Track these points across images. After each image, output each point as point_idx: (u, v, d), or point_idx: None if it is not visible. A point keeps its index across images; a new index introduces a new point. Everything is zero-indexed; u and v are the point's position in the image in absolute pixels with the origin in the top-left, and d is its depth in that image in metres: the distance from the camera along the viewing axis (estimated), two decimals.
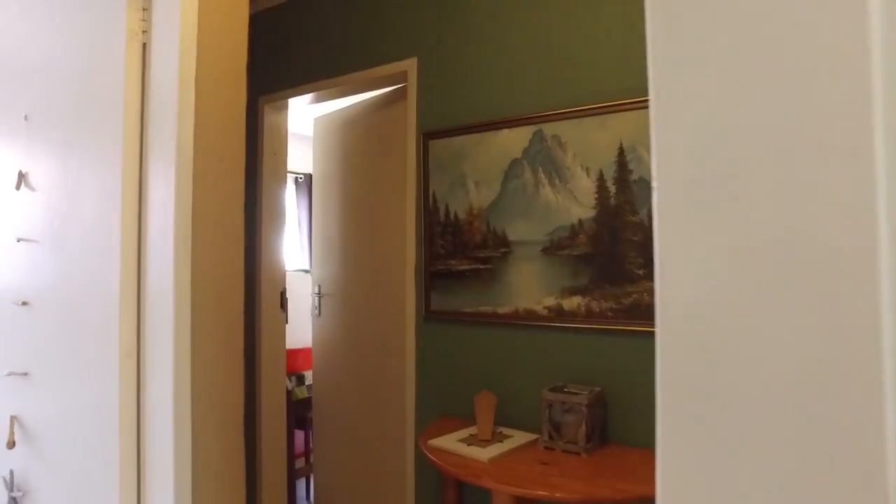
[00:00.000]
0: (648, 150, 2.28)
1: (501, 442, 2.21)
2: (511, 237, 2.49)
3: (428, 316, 2.72)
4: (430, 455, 2.15)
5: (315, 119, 3.55)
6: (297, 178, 5.61)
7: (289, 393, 3.59)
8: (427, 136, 2.73)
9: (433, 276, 2.71)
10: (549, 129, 2.39)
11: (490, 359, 2.56)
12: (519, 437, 2.26)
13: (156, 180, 1.62)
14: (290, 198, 5.57)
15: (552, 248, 2.39)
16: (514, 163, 2.48)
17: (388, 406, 3.03)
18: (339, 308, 3.37)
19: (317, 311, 3.50)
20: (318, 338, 3.50)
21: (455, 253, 2.65)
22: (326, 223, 3.48)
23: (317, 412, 3.50)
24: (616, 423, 2.25)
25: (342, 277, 3.35)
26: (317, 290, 3.50)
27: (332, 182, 3.44)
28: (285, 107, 3.36)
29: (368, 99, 3.21)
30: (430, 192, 2.72)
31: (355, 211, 3.28)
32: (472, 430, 2.37)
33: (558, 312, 2.37)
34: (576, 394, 2.18)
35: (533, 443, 2.23)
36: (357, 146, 3.29)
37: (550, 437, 2.18)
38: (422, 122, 2.76)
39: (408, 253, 2.80)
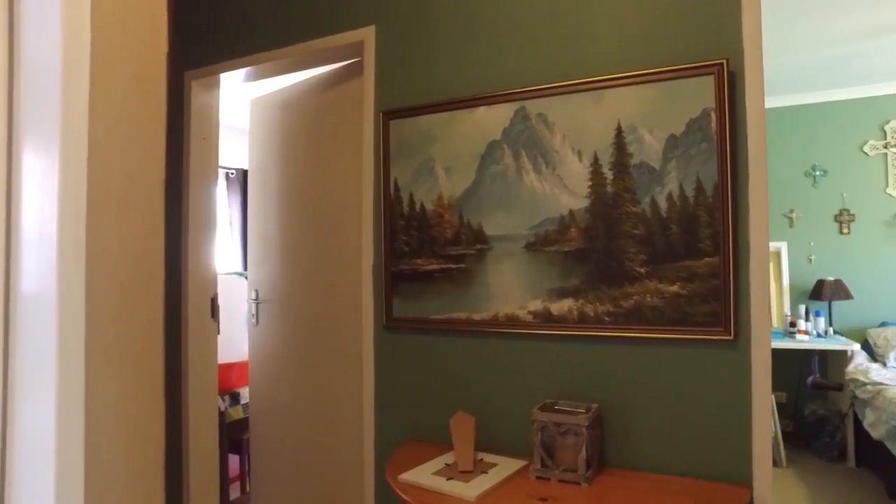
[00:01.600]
0: (651, 130, 1.99)
1: (486, 473, 1.84)
2: (489, 231, 2.12)
3: (389, 324, 2.32)
4: (402, 494, 1.74)
5: (252, 101, 3.07)
6: (228, 174, 5.05)
7: (222, 414, 3.07)
8: (387, 115, 2.33)
9: (395, 279, 2.31)
10: (533, 106, 2.05)
11: (465, 373, 2.18)
12: (505, 466, 1.89)
13: (32, 158, 1.15)
14: (221, 195, 5.00)
15: (538, 244, 2.04)
16: (493, 145, 2.12)
17: (342, 428, 2.60)
18: (280, 315, 2.90)
19: (254, 320, 3.01)
20: (256, 350, 3.01)
21: (421, 251, 2.26)
22: (265, 219, 3.00)
23: (255, 434, 3.00)
24: (613, 445, 1.92)
25: (284, 280, 2.88)
26: (254, 296, 3.01)
27: (272, 172, 2.97)
28: (216, 84, 2.86)
29: (317, 76, 2.77)
30: (392, 180, 2.32)
31: (300, 205, 2.83)
32: (448, 457, 1.98)
33: (546, 318, 2.02)
34: (573, 413, 1.83)
35: (522, 471, 1.86)
36: (302, 131, 2.84)
37: (543, 464, 1.82)
38: (381, 100, 2.36)
39: (364, 251, 2.39)
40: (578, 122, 1.97)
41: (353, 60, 2.58)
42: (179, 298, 2.75)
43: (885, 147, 4.34)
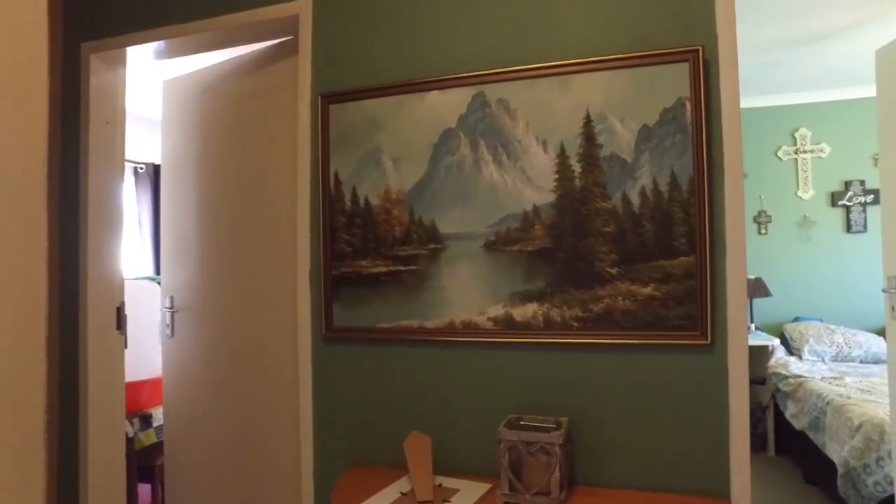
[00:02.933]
0: (622, 119, 1.82)
1: (448, 502, 1.59)
2: (443, 229, 1.88)
3: (329, 335, 2.02)
4: None
5: (166, 82, 2.66)
6: (136, 169, 4.50)
7: (130, 440, 2.64)
8: (327, 99, 2.03)
9: (336, 283, 2.02)
10: (493, 91, 1.83)
11: (418, 389, 1.92)
12: (468, 491, 1.66)
13: None
14: (129, 192, 4.45)
15: (498, 243, 1.82)
16: (448, 134, 1.88)
17: (275, 453, 2.26)
18: (200, 325, 2.51)
19: (168, 331, 2.60)
20: (172, 365, 2.60)
21: (366, 251, 1.98)
22: (182, 217, 2.60)
23: (170, 461, 2.59)
24: (584, 461, 1.73)
25: (205, 286, 2.50)
26: (168, 304, 2.60)
27: (191, 164, 2.58)
28: (121, 60, 2.44)
29: (244, 55, 2.42)
30: (332, 172, 2.02)
31: (224, 200, 2.46)
32: (403, 484, 1.72)
33: (507, 324, 1.80)
34: (544, 430, 1.62)
35: (488, 496, 1.63)
36: (226, 118, 2.47)
37: (512, 487, 1.60)
38: (319, 82, 2.06)
39: (300, 253, 2.08)
40: (543, 110, 1.77)
41: (285, 38, 2.25)
42: (77, 308, 2.31)
43: (796, 153, 4.51)
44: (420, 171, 1.91)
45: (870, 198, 4.39)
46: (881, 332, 4.24)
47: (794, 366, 3.91)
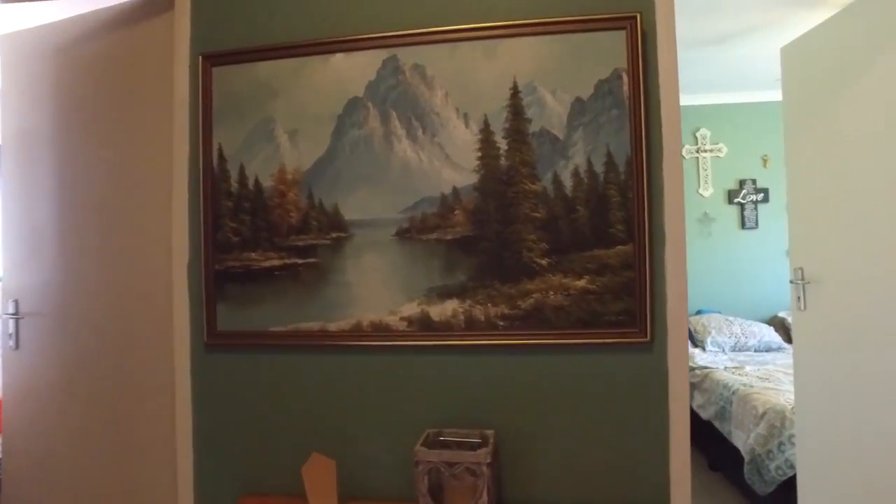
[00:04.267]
0: (553, 91, 1.59)
1: None
2: (348, 216, 1.58)
3: (212, 342, 1.65)
4: None
5: (3, 37, 2.13)
6: None
7: None
8: (209, 60, 1.66)
9: (221, 280, 1.65)
10: (407, 55, 1.55)
11: (319, 403, 1.60)
12: None
13: None
14: None
15: (413, 231, 1.54)
16: (353, 104, 1.58)
17: (146, 486, 1.84)
18: (55, 335, 2.03)
19: (12, 341, 2.09)
20: (16, 382, 2.09)
21: (257, 242, 1.63)
22: (29, 205, 2.10)
23: (9, 499, 2.08)
24: (512, 477, 1.49)
25: (60, 287, 2.02)
26: (11, 309, 2.09)
27: (41, 142, 2.08)
28: None
29: (108, 9, 1.97)
30: (214, 147, 1.66)
31: (84, 184, 1.99)
32: None
33: (424, 325, 1.53)
34: (469, 445, 1.36)
35: None
36: (86, 84, 2.00)
37: None
38: (200, 39, 1.68)
39: (176, 244, 1.69)
40: (465, 78, 1.51)
41: None
42: None
43: (697, 152, 4.59)
44: (321, 148, 1.59)
45: (760, 196, 4.55)
46: (771, 322, 4.40)
47: (699, 357, 3.94)
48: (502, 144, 1.48)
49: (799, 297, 2.40)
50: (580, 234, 1.44)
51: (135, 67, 1.91)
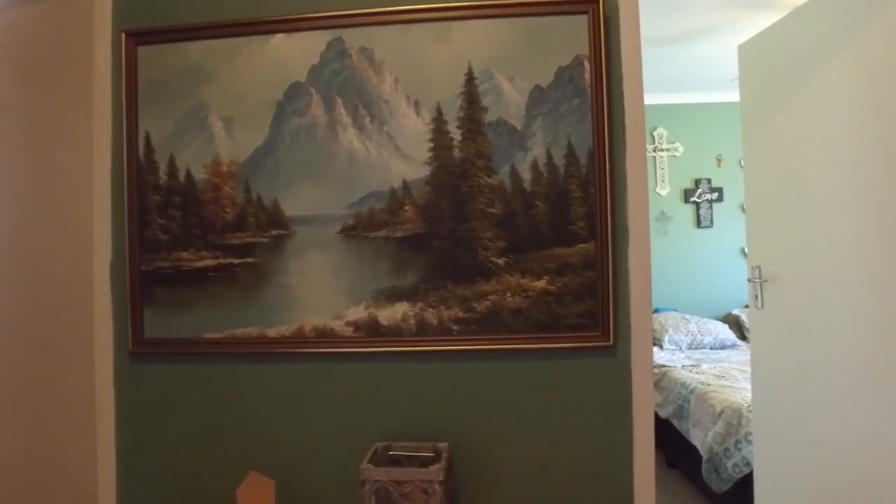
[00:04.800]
0: (511, 78, 1.48)
1: None
2: (289, 211, 1.43)
3: (138, 350, 1.48)
4: None
5: None
6: None
7: None
8: (134, 38, 1.48)
9: (148, 282, 1.48)
10: (354, 37, 1.41)
11: (257, 416, 1.45)
12: None
13: None
14: None
15: (360, 229, 1.41)
16: (296, 89, 1.43)
17: None
18: None
19: None
20: None
21: (189, 240, 1.47)
22: None
23: None
24: (468, 493, 1.37)
25: None
26: None
27: None
28: None
29: None
30: (141, 135, 1.49)
31: None
32: None
33: (372, 330, 1.40)
34: (421, 460, 1.24)
35: None
36: None
37: None
38: (123, 14, 1.50)
39: (97, 243, 1.51)
40: (416, 63, 1.38)
41: None
42: None
43: (654, 151, 4.59)
44: (259, 137, 1.44)
45: (715, 195, 4.58)
46: (726, 320, 4.44)
47: (657, 355, 3.92)
48: (456, 135, 1.37)
49: (756, 296, 2.37)
50: (539, 232, 1.34)
51: (50, 44, 1.70)
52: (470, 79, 1.36)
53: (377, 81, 1.39)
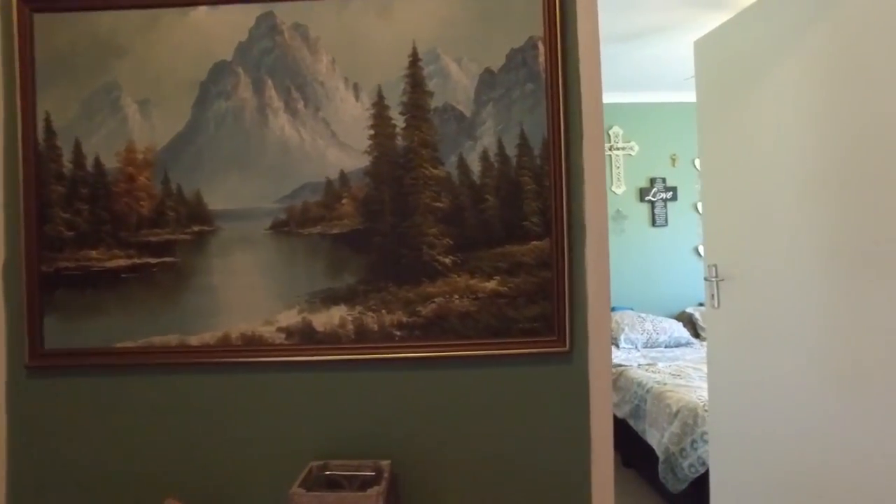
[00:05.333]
0: (459, 60, 1.35)
1: None
2: (213, 205, 1.27)
3: (36, 364, 1.29)
4: None
5: None
6: None
7: None
8: (29, 4, 1.29)
9: (49, 284, 1.29)
10: (286, 12, 1.26)
11: (176, 434, 1.28)
12: None
13: None
14: None
15: (292, 224, 1.26)
16: (220, 69, 1.27)
17: None
18: None
19: None
20: None
21: (98, 237, 1.29)
22: None
23: None
24: None
25: None
26: None
27: None
28: None
29: None
30: (40, 117, 1.29)
31: None
32: None
33: (306, 336, 1.25)
34: (359, 480, 1.11)
35: None
36: None
37: None
38: None
39: None
40: (355, 42, 1.24)
41: None
42: None
43: (610, 149, 4.57)
44: (179, 121, 1.27)
45: (669, 194, 4.59)
46: (680, 318, 4.46)
47: (613, 354, 3.89)
48: (399, 121, 1.23)
49: (713, 295, 2.33)
50: (490, 228, 1.22)
51: None
52: (414, 60, 1.23)
53: (312, 61, 1.25)
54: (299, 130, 1.25)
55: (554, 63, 1.20)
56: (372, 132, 1.24)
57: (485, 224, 1.22)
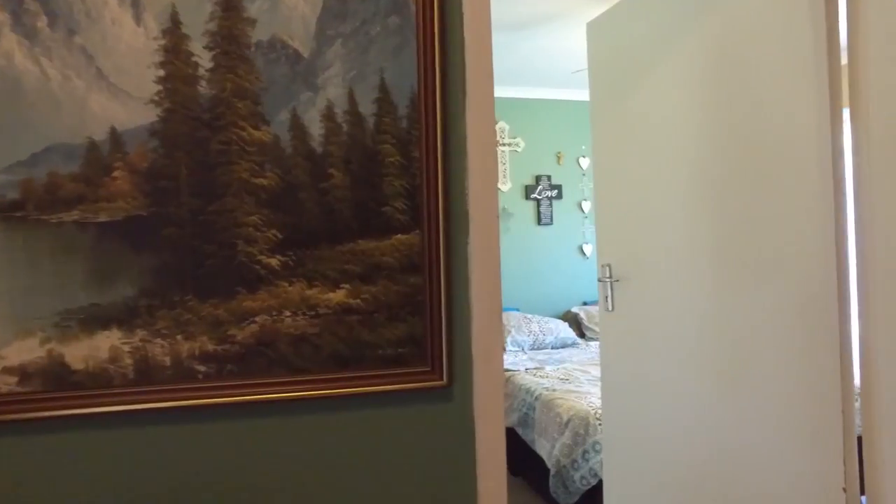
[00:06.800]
0: None
1: None
2: None
3: None
4: None
5: None
6: None
7: None
8: None
9: None
10: None
11: None
12: None
13: None
14: None
15: (31, 207, 0.81)
16: None
17: None
18: None
19: None
20: None
21: None
22: None
23: None
24: None
25: None
26: None
27: None
28: None
29: None
30: None
31: None
32: None
33: (53, 379, 0.81)
34: None
35: None
36: None
37: None
38: None
39: None
40: None
41: None
42: None
43: (498, 145, 4.40)
44: None
45: (554, 192, 4.52)
46: (565, 317, 4.40)
47: None
48: (204, 59, 0.83)
49: (607, 297, 2.17)
50: (335, 216, 0.85)
51: None
52: None
53: None
54: (40, 63, 0.80)
55: None
56: (162, 73, 0.82)
57: (328, 210, 0.85)
